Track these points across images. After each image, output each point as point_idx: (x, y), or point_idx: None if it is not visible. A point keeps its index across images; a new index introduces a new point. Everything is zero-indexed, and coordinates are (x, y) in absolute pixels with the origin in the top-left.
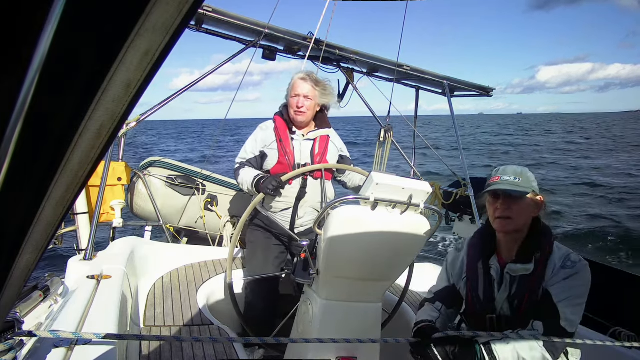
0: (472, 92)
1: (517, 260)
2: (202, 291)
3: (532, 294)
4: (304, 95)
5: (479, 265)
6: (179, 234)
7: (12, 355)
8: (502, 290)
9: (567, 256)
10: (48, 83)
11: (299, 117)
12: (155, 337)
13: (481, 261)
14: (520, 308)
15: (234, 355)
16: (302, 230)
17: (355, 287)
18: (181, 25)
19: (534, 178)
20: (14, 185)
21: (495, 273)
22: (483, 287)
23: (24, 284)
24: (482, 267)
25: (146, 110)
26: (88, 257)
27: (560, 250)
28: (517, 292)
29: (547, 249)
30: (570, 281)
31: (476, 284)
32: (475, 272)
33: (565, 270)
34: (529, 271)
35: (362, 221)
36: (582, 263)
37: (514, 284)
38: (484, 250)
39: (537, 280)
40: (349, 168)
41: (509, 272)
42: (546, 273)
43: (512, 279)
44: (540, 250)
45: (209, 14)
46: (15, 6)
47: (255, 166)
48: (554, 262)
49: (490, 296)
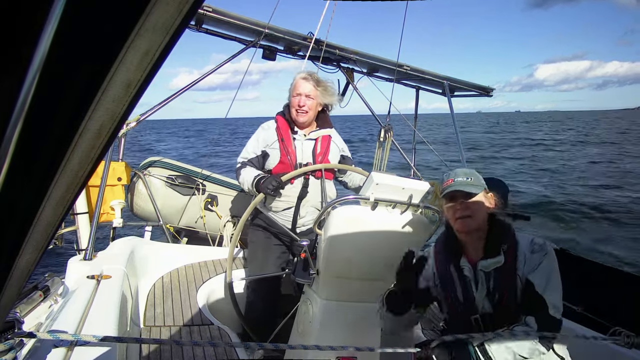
0: (472, 92)
1: (486, 256)
2: (202, 291)
3: (510, 285)
4: (306, 95)
5: (451, 269)
6: (179, 234)
7: (12, 355)
8: (480, 289)
9: (531, 241)
10: (48, 83)
11: (301, 116)
12: (154, 341)
13: (452, 265)
14: (502, 302)
15: (233, 356)
16: (303, 229)
17: (355, 287)
18: (181, 25)
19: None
20: (14, 185)
21: (469, 273)
22: (461, 289)
23: (24, 284)
24: (454, 270)
25: (146, 110)
26: (88, 257)
27: (524, 238)
28: (495, 286)
29: (512, 239)
30: (545, 264)
31: (453, 287)
32: (449, 276)
33: (536, 255)
34: (501, 263)
35: (362, 221)
36: (547, 243)
37: (489, 280)
38: (452, 254)
39: (511, 270)
40: (349, 168)
41: (482, 269)
42: (518, 262)
43: (486, 276)
44: (506, 242)
45: (209, 14)
46: (15, 6)
47: (257, 166)
48: (523, 250)
49: (470, 297)
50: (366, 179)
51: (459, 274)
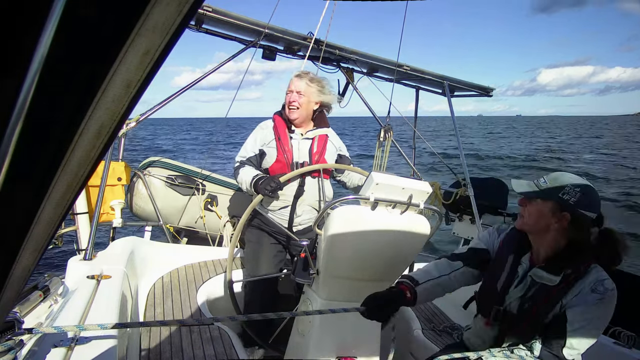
0: (472, 92)
1: (545, 268)
2: (202, 291)
3: (545, 305)
4: (297, 91)
5: (510, 259)
6: (179, 234)
7: (11, 356)
8: (519, 288)
9: (601, 280)
10: (48, 83)
11: (292, 112)
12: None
13: (513, 255)
14: (529, 313)
15: (234, 355)
16: (300, 228)
17: (356, 287)
18: (181, 25)
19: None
20: (14, 185)
21: (522, 271)
22: (504, 279)
23: (24, 284)
24: (512, 260)
25: (147, 110)
26: (88, 257)
27: (596, 274)
28: (532, 297)
29: (582, 269)
30: (593, 308)
31: (499, 274)
32: (503, 262)
33: (593, 295)
34: (553, 283)
35: (362, 221)
36: (614, 292)
37: (532, 288)
38: (520, 246)
39: (557, 295)
40: (348, 168)
41: (532, 275)
42: (571, 291)
43: (532, 282)
44: (572, 268)
45: (209, 14)
46: (15, 6)
47: (255, 164)
48: (585, 284)
49: (505, 289)
50: (366, 178)
51: (514, 265)
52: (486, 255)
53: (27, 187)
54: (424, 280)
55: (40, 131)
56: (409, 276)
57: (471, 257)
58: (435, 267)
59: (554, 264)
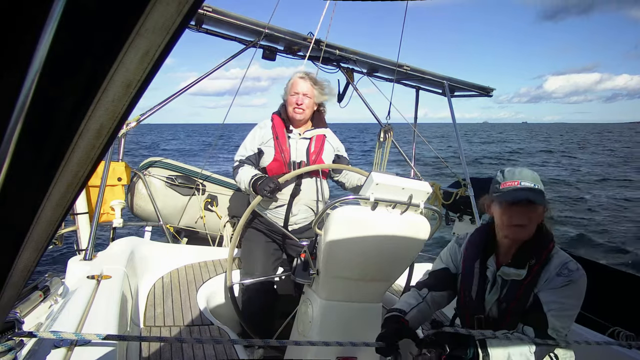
0: (472, 92)
1: (511, 264)
2: (202, 291)
3: (520, 301)
4: (303, 93)
5: (476, 265)
6: (179, 234)
7: (11, 356)
8: (493, 292)
9: (564, 264)
10: (48, 83)
11: (298, 114)
12: (157, 338)
13: (479, 261)
14: (508, 312)
15: (234, 355)
16: (296, 227)
17: (356, 287)
18: (181, 25)
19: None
20: (14, 185)
21: (491, 274)
22: (477, 287)
23: (24, 284)
24: (478, 266)
25: (146, 111)
26: (88, 257)
27: (559, 257)
28: (507, 296)
29: (544, 256)
30: (563, 290)
31: (470, 283)
32: (471, 271)
33: (560, 278)
34: (521, 277)
35: (362, 221)
36: (580, 272)
37: (504, 288)
38: (483, 250)
39: (527, 287)
40: (346, 168)
41: (501, 275)
42: (539, 281)
43: (503, 282)
44: (535, 257)
45: (209, 14)
46: (15, 6)
47: (255, 163)
48: (550, 270)
49: (481, 297)
50: (366, 179)
51: (482, 271)
52: (447, 273)
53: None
54: (408, 310)
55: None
56: (396, 309)
57: (433, 283)
58: (409, 297)
59: (519, 258)
